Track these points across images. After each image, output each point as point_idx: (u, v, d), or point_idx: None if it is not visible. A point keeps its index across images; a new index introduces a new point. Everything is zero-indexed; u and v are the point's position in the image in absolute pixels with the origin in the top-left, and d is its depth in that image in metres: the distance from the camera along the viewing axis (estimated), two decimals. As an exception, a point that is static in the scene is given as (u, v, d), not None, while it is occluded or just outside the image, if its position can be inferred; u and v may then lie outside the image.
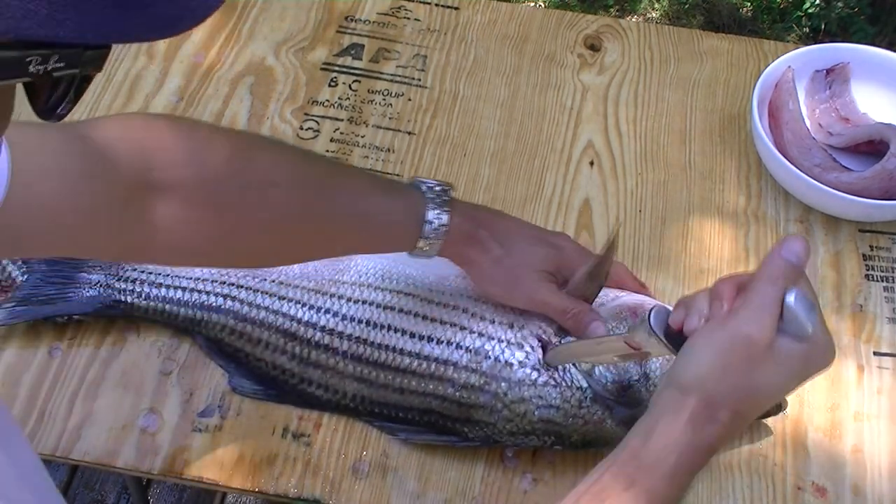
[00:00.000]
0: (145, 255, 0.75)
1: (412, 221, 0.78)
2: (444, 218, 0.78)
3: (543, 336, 0.83)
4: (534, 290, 0.82)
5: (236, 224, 0.73)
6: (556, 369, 0.81)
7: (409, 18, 1.19)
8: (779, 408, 0.81)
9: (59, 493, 0.57)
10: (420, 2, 1.21)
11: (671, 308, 0.71)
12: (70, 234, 0.64)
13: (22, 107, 0.36)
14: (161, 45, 1.14)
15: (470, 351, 0.83)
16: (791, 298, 0.64)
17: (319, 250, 0.82)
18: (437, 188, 0.79)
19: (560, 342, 0.82)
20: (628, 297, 0.86)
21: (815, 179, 0.97)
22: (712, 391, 0.64)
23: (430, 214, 0.77)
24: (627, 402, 0.80)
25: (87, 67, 0.31)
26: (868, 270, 0.98)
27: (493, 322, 0.84)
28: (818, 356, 0.65)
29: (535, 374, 0.82)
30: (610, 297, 0.86)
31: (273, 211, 0.73)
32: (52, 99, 0.33)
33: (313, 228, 0.77)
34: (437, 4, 1.21)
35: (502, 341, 0.83)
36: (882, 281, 0.97)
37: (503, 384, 0.81)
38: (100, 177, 0.63)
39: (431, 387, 0.83)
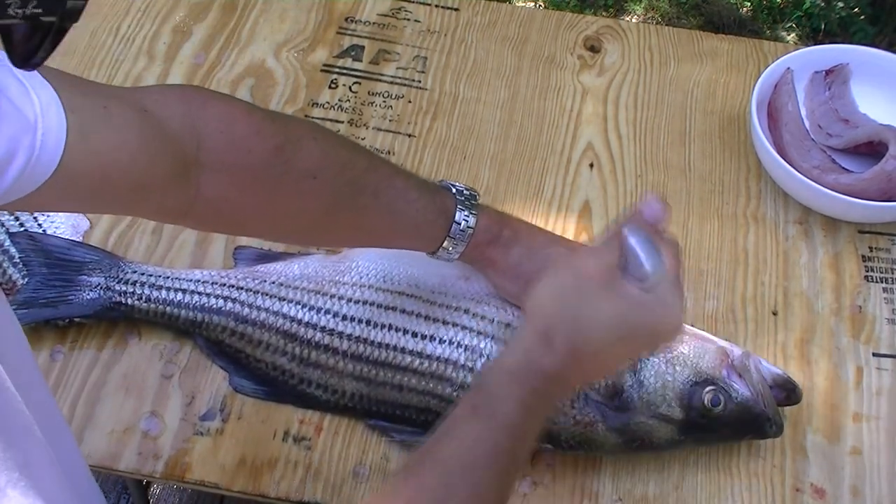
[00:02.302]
0: (187, 222, 0.79)
1: (441, 221, 0.80)
2: (472, 220, 0.80)
3: None
4: None
5: (273, 207, 0.76)
6: None
7: (409, 20, 1.19)
8: (780, 429, 0.81)
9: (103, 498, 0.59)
10: (420, 3, 1.21)
11: None
12: (124, 199, 0.69)
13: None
14: (161, 46, 1.14)
15: (469, 350, 0.83)
16: (629, 235, 0.65)
17: (350, 240, 0.87)
18: (466, 191, 0.82)
19: None
20: None
21: (814, 181, 0.97)
22: (547, 319, 0.65)
23: (459, 216, 0.79)
24: (619, 407, 0.80)
25: (64, 18, 0.33)
26: (867, 272, 0.98)
27: (492, 322, 0.84)
28: (658, 309, 0.65)
29: None
30: None
31: (310, 200, 0.76)
32: (29, 46, 0.34)
33: (345, 220, 0.79)
34: (437, 6, 1.21)
35: (498, 340, 0.83)
36: (881, 282, 0.97)
37: None
38: (153, 151, 0.67)
39: (431, 385, 0.83)
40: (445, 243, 0.80)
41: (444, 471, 0.60)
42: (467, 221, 0.80)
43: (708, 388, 0.80)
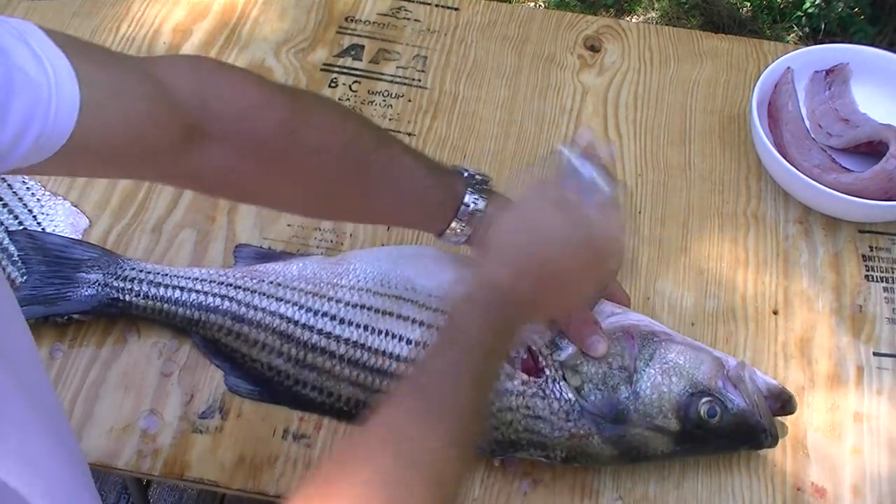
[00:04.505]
0: (193, 186, 0.82)
1: (450, 202, 0.80)
2: (481, 204, 0.80)
3: (533, 347, 0.83)
4: None
5: (279, 179, 0.77)
6: (546, 381, 0.81)
7: (409, 19, 1.19)
8: (775, 440, 0.81)
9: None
10: (420, 2, 1.21)
11: None
12: (133, 165, 0.70)
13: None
14: (161, 46, 1.14)
15: None
16: (577, 158, 0.70)
17: (355, 214, 0.88)
18: (478, 176, 0.82)
19: (550, 355, 0.82)
20: (623, 318, 0.85)
21: (814, 180, 0.97)
22: (502, 243, 0.70)
23: (468, 198, 0.80)
24: (615, 419, 0.80)
25: None
26: (868, 271, 0.98)
27: None
28: (604, 224, 0.70)
29: (522, 384, 0.81)
30: (606, 312, 0.85)
31: (316, 174, 0.77)
32: None
33: (353, 194, 0.80)
34: (437, 5, 1.21)
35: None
36: (882, 281, 0.97)
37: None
38: (163, 122, 0.67)
39: None
40: (453, 224, 0.80)
41: (429, 394, 0.61)
42: (476, 204, 0.80)
43: (704, 399, 0.79)
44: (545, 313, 0.77)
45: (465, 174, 0.81)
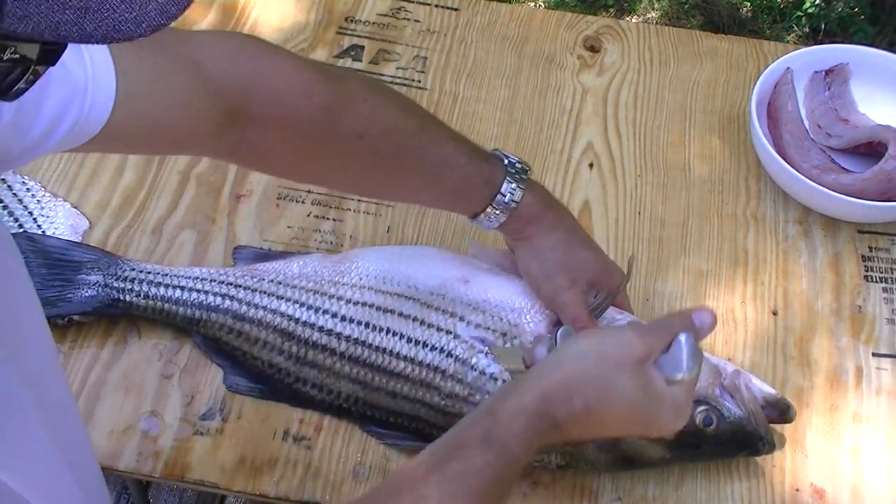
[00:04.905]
0: (232, 161, 0.87)
1: (486, 189, 0.80)
2: (518, 194, 0.80)
3: (530, 356, 0.83)
4: (562, 289, 0.83)
5: (316, 160, 0.78)
6: None
7: (408, 20, 1.19)
8: (772, 447, 0.81)
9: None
10: (420, 3, 1.21)
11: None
12: (168, 147, 0.75)
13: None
14: (161, 46, 1.14)
15: (459, 360, 0.82)
16: (683, 337, 0.70)
17: (392, 195, 0.93)
18: (518, 164, 0.82)
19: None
20: (623, 323, 0.85)
21: (813, 181, 0.97)
22: (577, 375, 0.68)
23: (506, 187, 0.80)
24: None
25: (40, 62, 0.34)
26: (867, 272, 0.98)
27: (486, 329, 0.84)
28: (671, 407, 0.69)
29: None
30: (607, 317, 0.85)
31: (353, 157, 0.78)
32: (6, 82, 0.34)
33: (389, 178, 0.81)
34: (436, 6, 1.21)
35: (490, 354, 0.83)
36: (881, 282, 0.97)
37: (487, 397, 0.81)
38: (200, 107, 0.68)
39: (421, 394, 0.83)
40: (488, 210, 0.81)
41: (450, 490, 0.62)
42: (512, 194, 0.80)
43: (700, 408, 0.79)
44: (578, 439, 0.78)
45: (506, 161, 0.81)
